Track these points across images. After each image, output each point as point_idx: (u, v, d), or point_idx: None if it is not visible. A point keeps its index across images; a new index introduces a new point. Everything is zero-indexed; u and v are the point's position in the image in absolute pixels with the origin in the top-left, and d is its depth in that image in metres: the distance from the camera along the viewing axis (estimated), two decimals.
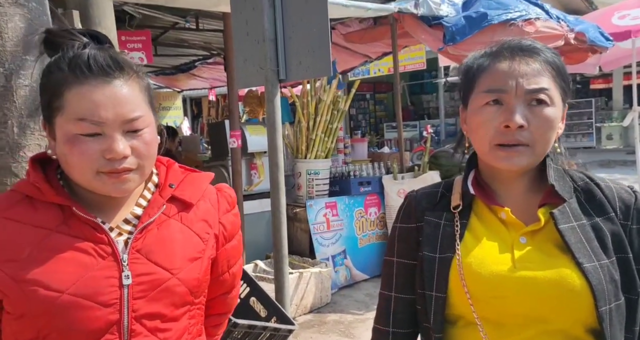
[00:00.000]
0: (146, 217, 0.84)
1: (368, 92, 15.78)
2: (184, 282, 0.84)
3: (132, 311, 0.79)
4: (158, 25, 5.15)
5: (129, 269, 0.79)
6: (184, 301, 0.85)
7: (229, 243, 0.94)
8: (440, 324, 0.87)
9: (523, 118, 0.81)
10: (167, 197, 0.87)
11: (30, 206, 0.80)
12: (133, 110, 0.77)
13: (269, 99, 2.25)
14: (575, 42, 3.77)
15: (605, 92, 12.96)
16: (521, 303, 0.81)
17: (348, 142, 5.35)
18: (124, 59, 0.80)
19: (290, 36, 2.14)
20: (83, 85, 0.75)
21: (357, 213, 4.42)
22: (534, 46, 0.87)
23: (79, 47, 0.78)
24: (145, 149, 0.79)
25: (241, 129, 4.03)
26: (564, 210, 0.84)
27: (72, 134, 0.76)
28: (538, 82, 0.82)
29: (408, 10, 3.68)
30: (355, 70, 7.15)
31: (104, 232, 0.80)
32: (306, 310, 3.72)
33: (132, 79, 0.79)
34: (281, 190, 2.28)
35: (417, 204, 0.95)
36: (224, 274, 0.95)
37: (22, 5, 1.36)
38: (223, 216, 0.93)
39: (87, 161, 0.76)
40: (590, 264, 0.80)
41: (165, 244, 0.84)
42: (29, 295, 0.75)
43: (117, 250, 0.80)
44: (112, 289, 0.78)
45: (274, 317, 1.93)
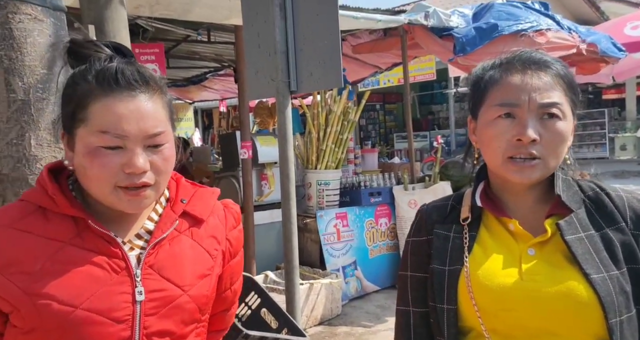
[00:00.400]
0: (159, 232, 0.83)
1: (378, 102, 15.80)
2: (194, 299, 0.83)
3: (144, 328, 0.78)
4: (170, 38, 5.23)
5: (142, 284, 0.78)
6: (192, 318, 0.84)
7: (233, 259, 0.94)
8: (454, 336, 0.87)
9: (535, 132, 0.82)
10: (179, 213, 0.86)
11: (43, 217, 0.79)
12: (156, 126, 0.77)
13: (280, 110, 2.26)
14: (587, 53, 3.75)
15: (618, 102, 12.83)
16: (529, 316, 0.81)
17: (358, 153, 5.34)
18: (150, 73, 0.80)
19: (302, 48, 2.16)
20: (109, 98, 0.76)
21: (368, 224, 4.40)
22: (545, 59, 0.87)
23: (106, 60, 0.79)
24: (163, 165, 0.79)
25: (252, 139, 4.06)
26: (570, 221, 0.84)
27: (93, 146, 0.75)
28: (550, 97, 0.83)
29: (418, 21, 3.70)
30: (365, 81, 7.18)
31: (118, 246, 0.79)
32: (316, 321, 3.69)
33: (156, 94, 0.80)
34: (292, 201, 2.29)
35: (427, 217, 0.96)
36: (226, 290, 0.94)
37: (41, 21, 1.40)
38: (229, 232, 0.93)
39: (107, 174, 0.76)
40: (598, 276, 0.79)
41: (177, 260, 0.83)
42: (41, 309, 0.74)
43: (130, 266, 0.79)
44: (126, 304, 0.77)
45: (285, 329, 1.92)
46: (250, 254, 3.99)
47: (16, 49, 1.34)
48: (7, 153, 1.34)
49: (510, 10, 3.63)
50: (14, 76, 1.33)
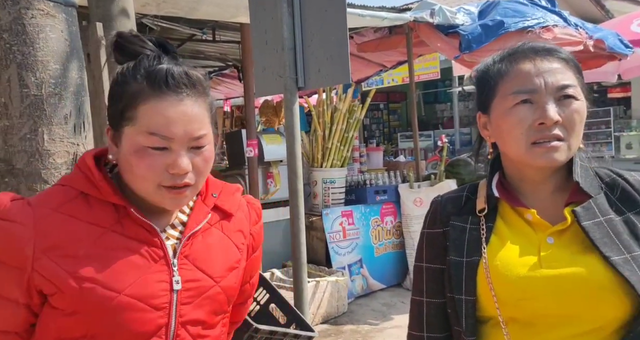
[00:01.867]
0: (193, 223, 0.85)
1: (382, 101, 15.79)
2: (225, 290, 0.86)
3: (179, 316, 0.80)
4: (175, 37, 5.25)
5: (179, 274, 0.81)
6: (222, 309, 0.86)
7: (254, 254, 0.96)
8: (472, 327, 0.87)
9: (557, 112, 0.83)
10: (211, 206, 0.89)
11: (86, 203, 0.81)
12: (200, 129, 0.79)
13: (288, 107, 2.27)
14: (595, 49, 3.74)
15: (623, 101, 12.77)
16: (549, 303, 0.81)
17: (363, 151, 5.35)
18: (197, 76, 0.81)
19: (309, 44, 2.17)
20: (158, 100, 0.77)
21: (373, 222, 4.40)
22: (550, 46, 0.89)
23: (155, 59, 0.80)
24: (204, 166, 0.81)
25: (258, 138, 4.07)
26: (588, 207, 0.83)
27: (140, 145, 0.77)
28: (565, 79, 0.84)
29: (424, 19, 3.70)
30: (369, 80, 7.17)
31: (157, 235, 0.81)
32: (322, 319, 3.69)
33: (202, 96, 0.81)
34: (300, 198, 2.29)
35: (442, 209, 0.96)
36: (246, 284, 0.97)
37: (53, 16, 1.41)
38: (252, 227, 0.95)
39: (152, 174, 0.78)
40: (619, 257, 0.78)
41: (209, 252, 0.86)
42: (85, 293, 0.75)
43: (168, 255, 0.81)
44: (164, 292, 0.79)
45: (294, 324, 1.92)
46: None
47: (29, 44, 1.35)
48: (21, 148, 1.35)
49: (517, 7, 3.62)
50: (27, 71, 1.34)
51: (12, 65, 1.34)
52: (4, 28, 1.34)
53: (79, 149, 1.44)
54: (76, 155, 1.43)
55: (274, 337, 1.70)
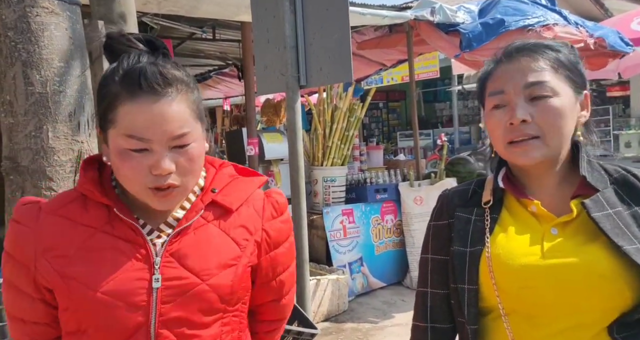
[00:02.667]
0: (184, 221, 0.85)
1: (381, 100, 15.79)
2: (214, 288, 0.83)
3: (160, 315, 0.79)
4: (175, 36, 5.24)
5: (160, 272, 0.80)
6: (213, 308, 0.84)
7: (275, 250, 0.93)
8: (474, 316, 0.88)
9: (524, 113, 0.84)
10: (207, 202, 0.88)
11: (82, 205, 0.84)
12: (180, 127, 0.78)
13: (290, 105, 2.27)
14: (595, 47, 3.75)
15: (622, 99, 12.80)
16: (551, 293, 0.81)
17: (364, 150, 5.36)
18: (173, 74, 0.80)
19: (311, 43, 2.17)
20: (133, 103, 0.77)
21: (374, 220, 4.41)
22: (533, 43, 0.90)
23: (134, 58, 0.79)
24: (189, 165, 0.80)
25: (258, 136, 4.07)
26: (597, 200, 0.84)
27: (122, 148, 0.78)
28: (535, 77, 0.85)
29: (424, 17, 3.71)
30: (368, 79, 7.18)
31: (141, 234, 0.82)
32: (323, 317, 3.70)
33: (180, 94, 0.79)
34: (302, 196, 2.30)
35: (449, 201, 0.98)
36: (270, 281, 0.94)
37: (57, 14, 1.41)
38: (267, 223, 0.92)
39: (136, 176, 0.78)
40: (632, 246, 0.79)
41: (200, 248, 0.84)
42: (70, 291, 0.79)
43: (151, 253, 0.81)
44: (142, 291, 0.79)
45: (296, 321, 1.93)
46: None
47: (34, 42, 1.35)
48: (26, 145, 1.35)
49: (517, 6, 3.62)
50: (31, 69, 1.35)
51: (17, 63, 1.34)
52: (9, 26, 1.34)
53: (83, 147, 1.44)
54: (80, 153, 1.44)
55: None
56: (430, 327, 0.96)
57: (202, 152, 0.83)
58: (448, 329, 0.96)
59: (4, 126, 1.39)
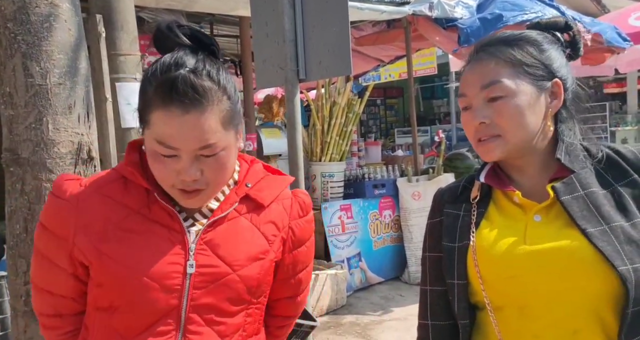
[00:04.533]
0: (218, 211, 0.87)
1: (379, 97, 15.80)
2: (243, 279, 0.85)
3: (191, 300, 0.82)
4: None
5: (194, 258, 0.83)
6: (240, 299, 0.86)
7: (297, 249, 0.95)
8: (464, 310, 0.89)
9: (482, 116, 0.87)
10: (241, 195, 0.90)
11: (123, 186, 0.86)
12: (207, 139, 0.79)
13: (289, 99, 2.28)
14: (592, 43, 3.76)
15: (618, 96, 12.85)
16: (536, 279, 0.81)
17: (362, 145, 5.36)
18: (204, 86, 0.79)
19: (310, 36, 2.17)
20: (164, 111, 0.78)
21: (372, 216, 4.42)
22: (492, 41, 0.90)
23: (174, 62, 0.79)
24: (217, 171, 0.82)
25: (257, 132, 4.07)
26: (569, 182, 0.85)
27: (153, 149, 0.81)
28: (490, 78, 0.86)
29: (422, 12, 3.71)
30: (366, 75, 7.19)
31: (178, 220, 0.85)
32: (322, 312, 3.72)
33: (211, 105, 0.79)
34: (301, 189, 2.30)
35: (440, 198, 0.99)
36: (289, 278, 0.96)
37: (57, 6, 1.41)
38: (293, 221, 0.94)
39: (164, 176, 0.81)
40: (595, 229, 0.79)
41: (232, 240, 0.87)
42: (104, 267, 0.82)
43: (187, 239, 0.84)
44: (177, 275, 0.82)
45: None
46: None
47: (33, 34, 1.35)
48: (26, 137, 1.35)
49: (515, 1, 3.63)
50: (31, 61, 1.35)
51: (17, 54, 1.34)
52: (8, 17, 1.34)
53: (83, 139, 1.45)
54: (80, 145, 1.44)
55: None
56: (431, 325, 0.97)
57: (233, 157, 0.84)
58: (448, 325, 0.95)
59: (4, 118, 1.39)
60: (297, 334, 1.87)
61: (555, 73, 0.88)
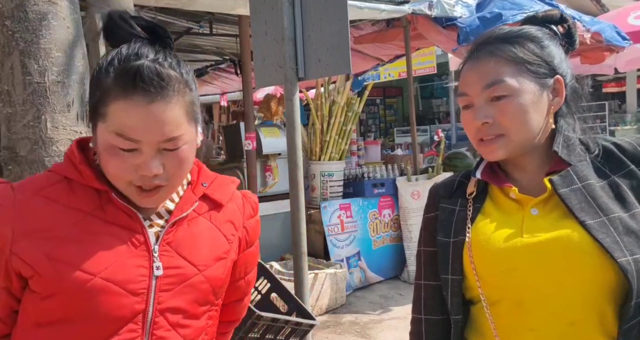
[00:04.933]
0: (178, 211, 0.84)
1: (378, 97, 15.79)
2: (209, 280, 0.84)
3: (158, 303, 0.79)
4: (172, 31, 5.22)
5: (160, 260, 0.80)
6: (206, 300, 0.84)
7: (249, 249, 0.94)
8: (458, 306, 0.89)
9: (485, 116, 0.86)
10: (199, 195, 0.87)
11: (68, 188, 0.80)
12: (172, 131, 0.75)
13: (288, 98, 2.27)
14: (592, 42, 3.75)
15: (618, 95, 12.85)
16: (533, 273, 0.81)
17: (361, 145, 5.36)
18: (171, 74, 0.76)
19: (310, 34, 2.17)
20: (126, 102, 0.74)
21: (371, 215, 4.42)
22: (492, 38, 0.88)
23: (133, 51, 0.75)
24: (178, 166, 0.78)
25: (256, 131, 4.07)
26: (566, 175, 0.84)
27: (110, 144, 0.75)
28: (493, 77, 0.85)
29: (422, 11, 3.70)
30: (365, 75, 7.17)
31: (139, 221, 0.80)
32: (321, 311, 3.72)
33: (177, 96, 0.76)
34: (300, 189, 2.30)
35: (435, 193, 0.99)
36: (240, 280, 0.95)
37: (55, 3, 1.40)
38: (247, 221, 0.93)
39: (121, 173, 0.77)
40: (594, 220, 0.79)
41: (194, 240, 0.84)
42: (61, 275, 0.75)
43: (149, 241, 0.80)
44: (142, 278, 0.78)
45: (295, 312, 1.94)
46: None
47: (31, 32, 1.34)
48: (24, 135, 1.35)
49: (515, 0, 3.62)
50: (29, 59, 1.34)
51: (14, 52, 1.34)
52: (6, 15, 1.33)
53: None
54: None
55: (275, 324, 1.71)
56: (425, 319, 0.97)
57: (193, 152, 0.81)
58: (442, 320, 0.96)
59: (2, 116, 1.38)
60: (296, 333, 1.88)
61: (556, 70, 0.88)
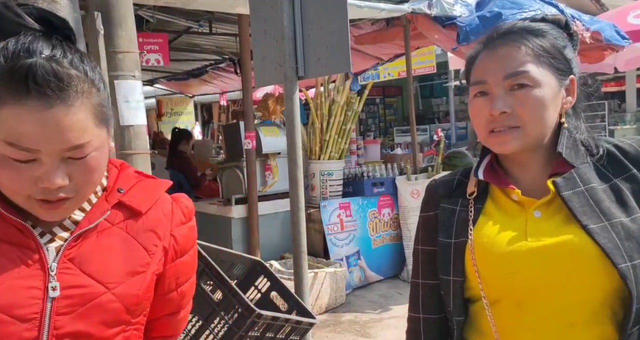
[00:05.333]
0: (86, 222, 0.74)
1: (377, 96, 15.79)
2: (121, 298, 0.74)
3: (54, 329, 0.68)
4: (171, 30, 5.22)
5: (57, 279, 0.69)
6: (117, 320, 0.74)
7: (180, 258, 0.84)
8: (460, 307, 0.89)
9: (505, 105, 0.83)
10: (112, 203, 0.77)
11: None
12: (77, 138, 0.66)
13: (288, 97, 2.27)
14: (591, 41, 3.76)
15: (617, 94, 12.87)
16: (536, 275, 0.81)
17: (361, 144, 5.37)
18: (72, 74, 0.65)
19: (309, 33, 2.16)
20: (18, 107, 0.63)
21: (371, 214, 4.42)
22: (517, 29, 0.86)
23: (23, 47, 0.64)
24: (86, 177, 0.69)
25: (255, 130, 4.07)
26: (569, 177, 0.83)
27: (1, 154, 0.65)
28: (516, 67, 0.83)
29: (422, 10, 3.70)
30: (365, 74, 7.17)
31: (32, 236, 0.71)
32: (321, 310, 3.72)
33: (81, 98, 0.66)
34: (300, 187, 2.30)
35: (434, 191, 0.97)
36: (171, 292, 0.84)
37: (55, 2, 1.41)
38: (176, 228, 0.83)
39: (17, 187, 0.66)
40: (596, 225, 0.79)
41: (104, 254, 0.74)
42: None
43: (45, 258, 0.70)
44: (34, 301, 0.68)
45: (295, 311, 1.94)
46: (254, 244, 4.01)
47: None
48: None
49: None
50: None
51: None
52: None
53: None
54: None
55: (275, 323, 1.71)
56: (423, 318, 0.97)
57: (105, 159, 0.72)
58: (439, 319, 0.95)
59: None
60: (296, 332, 1.88)
61: (572, 69, 0.87)
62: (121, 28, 2.28)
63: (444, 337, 0.96)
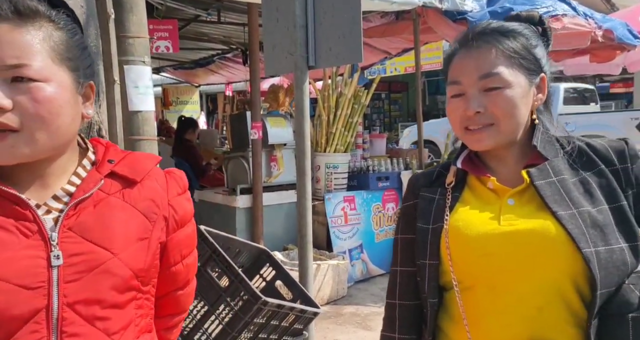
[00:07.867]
0: (80, 192, 0.73)
1: (383, 91, 15.75)
2: (128, 263, 0.73)
3: (63, 296, 0.69)
4: (180, 18, 5.21)
5: (59, 248, 0.69)
6: (128, 286, 0.74)
7: (182, 230, 0.84)
8: (434, 289, 0.93)
9: (478, 105, 0.88)
10: (105, 173, 0.77)
11: None
12: (16, 57, 0.65)
13: (298, 86, 2.26)
14: (603, 39, 3.72)
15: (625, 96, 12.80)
16: (507, 257, 0.85)
17: (367, 138, 5.34)
18: (30, 6, 0.68)
19: (321, 22, 2.15)
20: None
21: (375, 208, 4.42)
22: (489, 30, 0.91)
23: None
24: (33, 107, 0.66)
25: (262, 120, 4.06)
26: (543, 168, 0.89)
27: None
28: (488, 68, 0.88)
29: (432, 4, 3.68)
30: (371, 69, 7.15)
31: (29, 208, 0.70)
32: (323, 302, 3.73)
33: (30, 23, 0.67)
34: (307, 177, 2.30)
35: (415, 182, 1.02)
36: (176, 264, 0.84)
37: None
38: (173, 198, 0.82)
39: None
40: (565, 212, 0.84)
41: (104, 222, 0.73)
42: None
43: (44, 228, 0.70)
44: (38, 270, 0.68)
45: (299, 300, 1.95)
46: (258, 235, 4.02)
47: None
48: None
49: None
50: None
51: None
52: None
53: (94, 118, 1.44)
54: (91, 123, 1.43)
55: (280, 311, 1.71)
56: (399, 304, 1.00)
57: (59, 100, 0.69)
58: (415, 305, 0.99)
59: None
60: (300, 320, 1.88)
61: (542, 68, 0.92)
62: (132, 13, 2.27)
63: (418, 324, 0.99)
